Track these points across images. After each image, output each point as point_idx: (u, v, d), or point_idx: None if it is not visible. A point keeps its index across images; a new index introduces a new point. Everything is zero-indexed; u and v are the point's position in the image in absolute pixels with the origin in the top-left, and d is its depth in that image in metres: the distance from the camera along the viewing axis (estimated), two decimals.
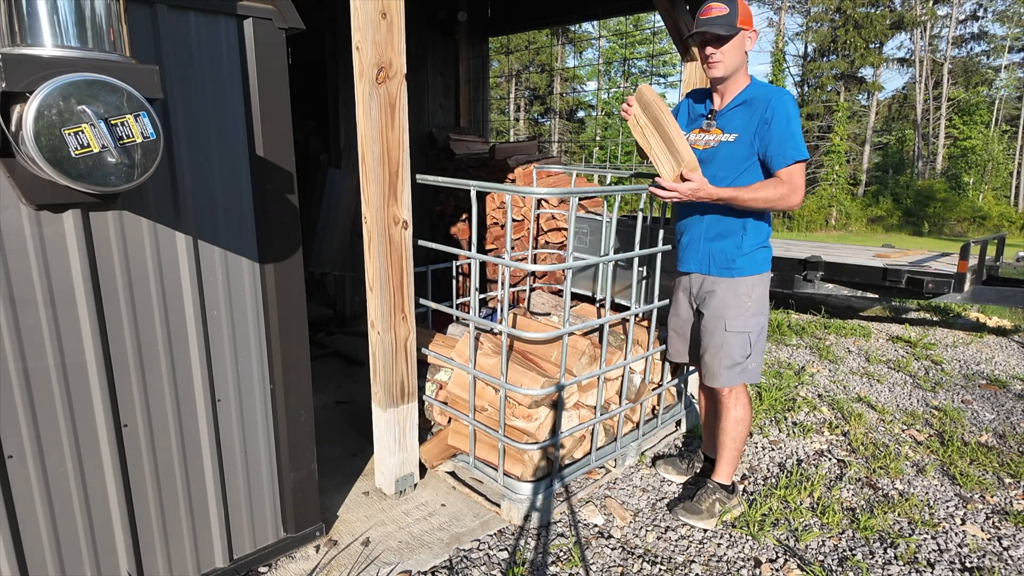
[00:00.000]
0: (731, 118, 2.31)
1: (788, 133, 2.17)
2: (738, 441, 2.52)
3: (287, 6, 1.82)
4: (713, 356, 2.43)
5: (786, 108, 2.18)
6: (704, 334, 2.46)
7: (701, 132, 2.41)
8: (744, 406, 2.49)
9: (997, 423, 3.60)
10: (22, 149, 1.26)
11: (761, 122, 2.20)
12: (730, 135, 2.30)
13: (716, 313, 2.40)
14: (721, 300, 2.38)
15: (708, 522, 2.48)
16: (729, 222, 2.34)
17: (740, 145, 2.27)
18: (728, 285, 2.37)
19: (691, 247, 2.46)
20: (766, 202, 2.20)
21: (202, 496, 1.93)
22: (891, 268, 5.70)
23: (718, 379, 2.44)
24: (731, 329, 2.38)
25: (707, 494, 2.54)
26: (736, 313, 2.37)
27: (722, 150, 2.31)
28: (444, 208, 4.98)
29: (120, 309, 1.66)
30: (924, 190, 26.97)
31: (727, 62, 2.23)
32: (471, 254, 2.48)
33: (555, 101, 30.29)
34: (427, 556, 2.24)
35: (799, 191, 2.19)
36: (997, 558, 2.37)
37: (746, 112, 2.27)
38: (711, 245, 2.39)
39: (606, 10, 4.91)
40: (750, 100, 2.26)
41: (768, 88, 2.27)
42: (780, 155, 2.18)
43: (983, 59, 31.52)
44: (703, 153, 2.34)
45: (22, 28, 1.26)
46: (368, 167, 2.23)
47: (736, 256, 2.35)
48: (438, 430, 2.82)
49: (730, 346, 2.39)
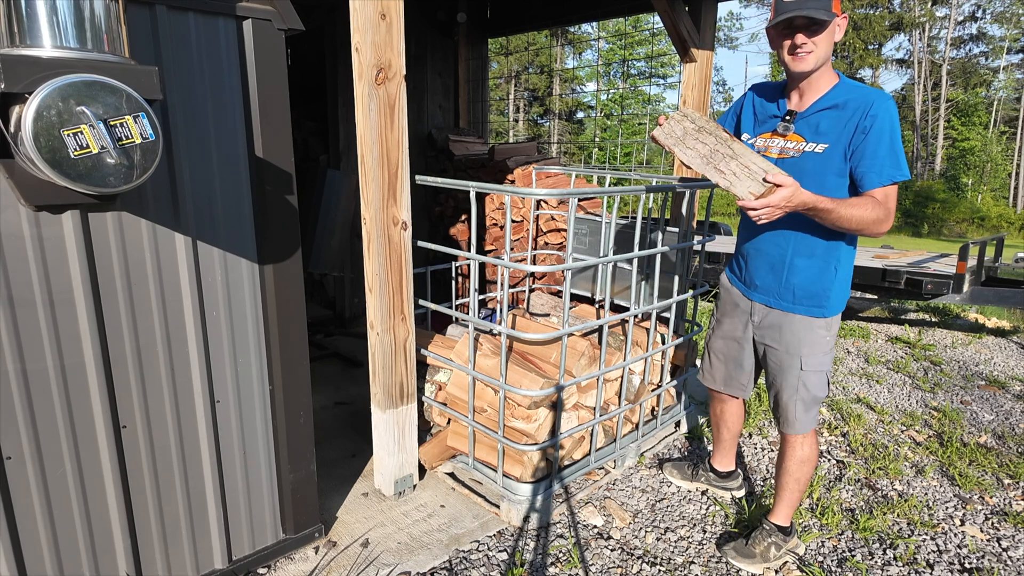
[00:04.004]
0: (816, 123, 1.96)
1: (890, 147, 1.83)
2: (802, 483, 2.23)
3: (286, 7, 1.82)
4: (789, 398, 2.14)
5: (890, 116, 1.84)
6: (774, 372, 2.18)
7: (775, 136, 2.05)
8: (812, 445, 2.20)
9: (996, 424, 3.60)
10: (21, 150, 1.26)
11: (858, 131, 1.86)
12: (817, 145, 1.95)
13: (791, 349, 2.11)
14: (796, 335, 2.09)
15: (760, 566, 2.23)
16: (819, 244, 1.99)
17: (831, 159, 1.91)
18: (804, 322, 2.07)
19: (765, 270, 2.13)
20: (859, 224, 1.84)
21: (201, 497, 1.93)
22: (890, 269, 5.71)
23: (794, 425, 2.15)
24: (808, 368, 2.08)
25: (762, 536, 2.28)
26: (812, 351, 2.08)
27: (807, 163, 1.96)
28: (443, 209, 4.98)
29: (119, 310, 1.66)
30: (923, 191, 27.02)
31: (819, 53, 1.87)
32: (470, 255, 2.48)
33: (554, 102, 30.32)
34: (426, 557, 2.23)
35: (891, 217, 1.86)
36: (996, 559, 2.37)
37: (837, 118, 1.91)
38: (793, 272, 2.06)
39: (605, 11, 4.92)
40: (843, 103, 1.90)
41: (866, 90, 1.90)
42: (877, 172, 1.83)
43: (981, 60, 31.59)
44: (785, 162, 2.01)
45: (21, 29, 1.26)
46: (367, 168, 2.23)
47: (822, 289, 2.04)
48: (437, 431, 2.82)
49: (807, 387, 2.11)
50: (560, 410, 2.50)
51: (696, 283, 3.16)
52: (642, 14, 10.05)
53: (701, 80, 3.97)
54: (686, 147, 1.91)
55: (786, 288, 2.09)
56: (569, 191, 2.23)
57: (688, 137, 1.91)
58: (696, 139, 1.90)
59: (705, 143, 1.89)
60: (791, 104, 2.03)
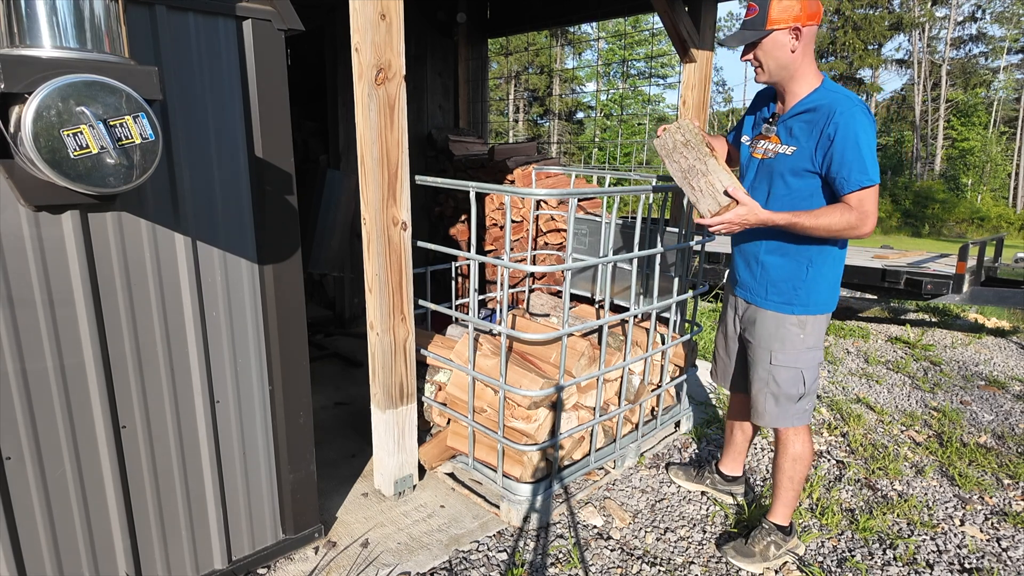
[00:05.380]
0: (791, 127, 2.04)
1: (854, 152, 1.86)
2: (796, 481, 2.27)
3: (286, 7, 1.82)
4: (759, 390, 2.22)
5: (852, 122, 1.87)
6: (749, 364, 2.27)
7: (761, 138, 2.15)
8: (804, 443, 2.23)
9: (996, 424, 3.61)
10: (21, 150, 1.26)
11: (823, 137, 1.92)
12: (788, 147, 2.03)
13: (762, 343, 2.18)
14: (767, 330, 2.17)
15: (760, 566, 2.25)
16: (790, 243, 2.08)
17: (799, 159, 1.99)
18: (777, 317, 2.15)
19: (742, 266, 2.25)
20: (828, 231, 1.92)
21: (201, 497, 1.93)
22: (890, 269, 5.72)
23: (762, 417, 2.23)
24: (778, 363, 2.15)
25: (761, 535, 2.30)
26: (783, 346, 2.14)
27: (777, 163, 2.06)
28: (443, 209, 4.98)
29: (119, 310, 1.66)
30: (923, 191, 27.02)
31: (767, 66, 2.01)
32: (470, 255, 2.48)
33: (554, 102, 30.32)
34: (426, 557, 2.23)
35: (870, 219, 1.90)
36: (996, 559, 2.37)
37: (808, 122, 1.98)
38: (765, 269, 2.15)
39: (605, 11, 4.92)
40: (815, 108, 1.97)
41: (836, 96, 1.95)
42: (845, 179, 1.89)
43: (981, 60, 31.60)
44: (764, 163, 2.11)
45: (21, 29, 1.26)
46: (367, 168, 2.23)
47: (792, 287, 2.10)
48: (437, 431, 2.82)
49: (777, 382, 2.16)
50: (560, 410, 2.50)
51: (696, 283, 3.16)
52: (642, 14, 10.06)
53: (701, 80, 3.98)
54: (672, 160, 2.03)
55: (759, 284, 2.19)
56: (569, 191, 2.23)
57: (675, 151, 2.01)
58: (681, 153, 2.00)
59: (687, 157, 1.98)
60: (778, 108, 2.15)
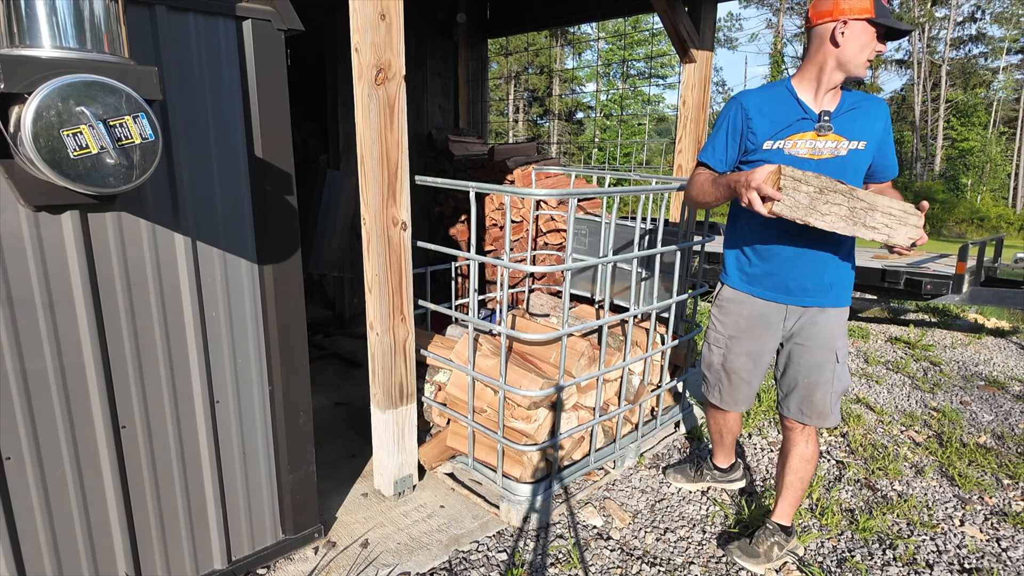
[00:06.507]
0: (851, 122, 2.02)
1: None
2: (805, 481, 2.29)
3: (286, 7, 1.82)
4: (826, 392, 2.17)
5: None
6: (809, 370, 2.18)
7: (804, 136, 2.03)
8: (815, 443, 2.27)
9: (995, 424, 3.61)
10: (20, 150, 1.26)
11: (884, 130, 2.05)
12: (859, 143, 2.02)
13: (826, 344, 2.15)
14: (832, 329, 2.15)
15: (763, 566, 2.27)
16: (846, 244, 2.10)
17: (868, 155, 2.05)
18: (839, 313, 2.15)
19: (817, 272, 2.10)
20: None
21: (200, 497, 1.93)
22: (890, 269, 5.72)
23: (829, 418, 2.19)
24: (842, 359, 2.16)
25: (766, 536, 2.31)
26: (843, 341, 2.17)
27: (852, 160, 2.03)
28: (443, 209, 4.98)
29: (118, 311, 1.66)
30: (922, 191, 27.02)
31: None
32: (470, 255, 2.48)
33: (554, 103, 30.32)
34: (426, 558, 2.23)
35: None
36: (996, 559, 2.37)
37: (862, 118, 2.03)
38: (849, 263, 2.13)
39: (605, 11, 4.92)
40: (857, 105, 2.04)
41: (869, 95, 2.10)
42: (893, 164, 2.10)
43: (981, 61, 31.60)
44: (830, 163, 2.02)
45: (21, 29, 1.26)
46: (367, 168, 2.23)
47: (849, 277, 2.15)
48: (437, 431, 2.82)
49: (840, 378, 2.17)
50: (560, 410, 2.50)
51: (696, 283, 3.16)
52: (642, 14, 10.06)
53: (701, 80, 3.98)
54: (821, 215, 1.78)
55: (837, 282, 2.12)
56: (569, 191, 2.23)
57: (817, 203, 1.77)
58: (826, 202, 1.77)
59: (839, 203, 1.78)
60: (816, 105, 2.02)
